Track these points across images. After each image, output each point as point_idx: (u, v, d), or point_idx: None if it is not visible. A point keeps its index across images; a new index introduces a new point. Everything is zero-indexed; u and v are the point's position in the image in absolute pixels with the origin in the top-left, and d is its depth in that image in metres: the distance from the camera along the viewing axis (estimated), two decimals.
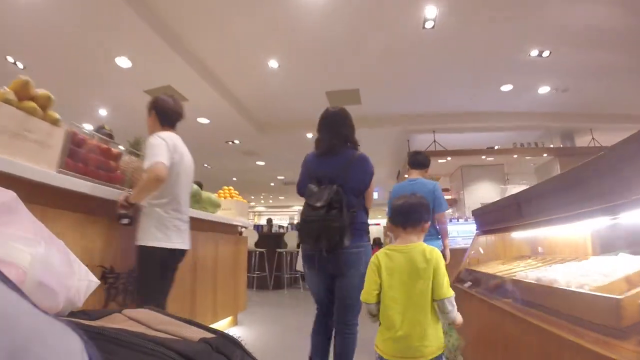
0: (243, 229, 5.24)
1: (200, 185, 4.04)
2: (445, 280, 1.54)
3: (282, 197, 21.59)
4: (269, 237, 8.05)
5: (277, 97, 7.31)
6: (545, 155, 8.78)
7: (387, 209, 3.31)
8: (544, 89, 6.83)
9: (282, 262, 7.54)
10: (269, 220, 10.14)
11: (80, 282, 0.81)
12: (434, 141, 8.46)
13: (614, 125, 7.82)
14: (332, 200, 2.01)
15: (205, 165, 11.91)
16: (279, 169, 13.24)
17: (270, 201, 23.92)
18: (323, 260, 2.09)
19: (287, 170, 13.02)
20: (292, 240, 7.55)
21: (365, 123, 7.56)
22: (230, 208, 4.36)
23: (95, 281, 0.87)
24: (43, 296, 0.67)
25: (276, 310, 5.57)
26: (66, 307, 0.74)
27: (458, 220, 6.82)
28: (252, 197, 21.24)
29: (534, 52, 5.56)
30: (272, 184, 16.15)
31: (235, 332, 4.02)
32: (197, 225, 2.76)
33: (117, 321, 0.74)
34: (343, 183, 2.09)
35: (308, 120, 6.89)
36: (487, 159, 9.41)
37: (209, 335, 0.73)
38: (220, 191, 4.76)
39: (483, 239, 3.26)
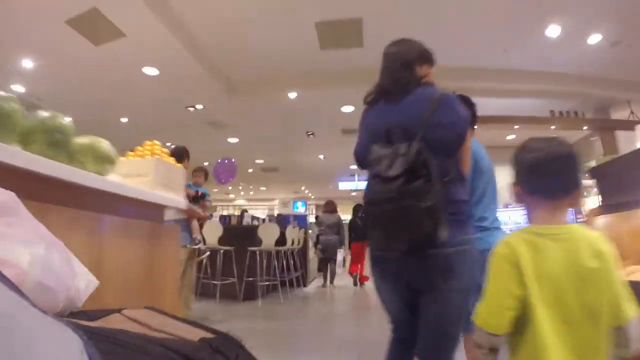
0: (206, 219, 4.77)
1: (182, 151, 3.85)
2: (626, 289, 0.90)
3: (264, 188, 18.70)
4: (238, 232, 6.17)
5: (250, 36, 5.19)
6: (585, 128, 7.43)
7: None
8: (595, 38, 5.22)
9: (254, 264, 5.51)
10: (243, 212, 8.37)
11: (80, 282, 0.82)
12: None
13: None
14: (415, 165, 1.22)
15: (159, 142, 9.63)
16: (257, 150, 11.12)
17: (251, 192, 20.50)
18: (403, 266, 1.36)
19: (266, 152, 11.31)
20: (269, 235, 5.76)
21: (369, 75, 5.38)
22: (146, 174, 2.19)
23: (94, 281, 0.87)
24: (43, 296, 0.67)
25: (247, 331, 3.96)
26: (66, 307, 0.75)
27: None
28: (230, 188, 18.04)
29: None
30: (250, 170, 13.59)
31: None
32: (55, 195, 1.26)
33: (117, 321, 0.75)
34: (424, 137, 1.28)
35: (291, 73, 6.13)
36: (514, 133, 8.04)
37: (209, 335, 0.73)
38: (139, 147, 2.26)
39: (608, 221, 1.98)
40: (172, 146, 3.85)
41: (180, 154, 3.68)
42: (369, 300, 6.17)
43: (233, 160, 9.42)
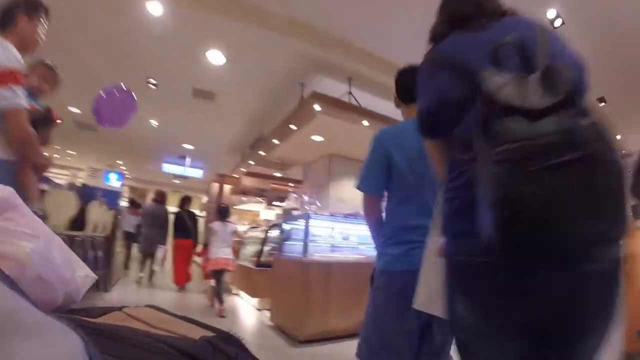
0: None
1: None
2: None
3: (73, 152, 13.30)
4: None
5: None
6: None
7: None
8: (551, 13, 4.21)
9: None
10: None
11: (79, 276, 0.83)
12: (349, 93, 5.54)
13: None
14: (575, 88, 0.70)
15: None
16: (73, 90, 6.41)
17: (56, 156, 13.95)
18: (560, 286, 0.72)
19: (86, 96, 5.08)
20: (60, 209, 4.41)
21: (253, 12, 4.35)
22: None
23: (92, 276, 0.88)
24: (42, 290, 0.68)
25: None
26: (65, 301, 0.75)
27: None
28: None
29: None
30: (59, 121, 6.91)
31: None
32: None
33: (118, 319, 0.75)
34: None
35: None
36: None
37: (209, 333, 0.74)
38: None
39: None
40: None
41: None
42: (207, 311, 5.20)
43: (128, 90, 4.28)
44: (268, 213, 11.60)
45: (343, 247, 4.92)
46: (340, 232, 5.09)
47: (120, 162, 15.14)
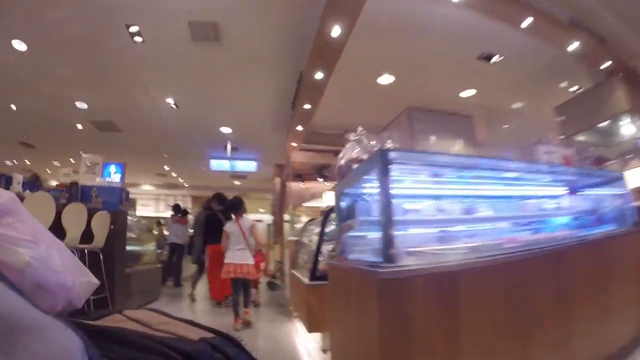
0: None
1: None
2: None
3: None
4: None
5: None
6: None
7: None
8: None
9: None
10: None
11: (80, 283, 0.82)
12: None
13: None
14: None
15: None
16: (62, 70, 6.14)
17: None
18: None
19: (93, 87, 6.85)
20: (74, 223, 3.99)
21: None
22: None
23: (95, 282, 0.88)
24: (43, 297, 0.69)
25: None
26: (65, 308, 0.76)
27: None
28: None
29: None
30: (80, 127, 8.85)
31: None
32: None
33: (117, 321, 0.76)
34: None
35: None
36: None
37: (209, 335, 0.74)
38: None
39: None
40: None
41: None
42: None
43: None
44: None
45: (481, 232, 2.32)
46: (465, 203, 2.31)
47: (167, 168, 13.82)
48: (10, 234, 0.67)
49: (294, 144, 8.36)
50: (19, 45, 5.37)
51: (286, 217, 10.01)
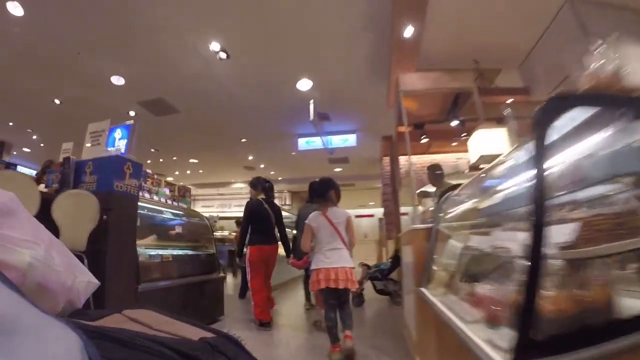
0: None
1: None
2: None
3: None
4: None
5: None
6: None
7: None
8: None
9: None
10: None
11: (80, 282, 0.81)
12: None
13: None
14: None
15: None
16: (77, 34, 5.23)
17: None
18: None
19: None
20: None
21: None
22: None
23: (95, 282, 0.87)
24: (43, 297, 0.68)
25: None
26: (66, 308, 0.75)
27: None
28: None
29: None
30: (132, 113, 7.87)
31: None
32: None
33: (117, 321, 0.76)
34: None
35: None
36: None
37: (209, 335, 0.73)
38: None
39: None
40: None
41: None
42: None
43: None
44: None
45: None
46: None
47: (252, 157, 11.63)
48: (11, 234, 0.65)
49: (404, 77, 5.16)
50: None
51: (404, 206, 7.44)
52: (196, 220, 5.50)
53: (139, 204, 3.76)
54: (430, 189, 5.12)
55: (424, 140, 5.86)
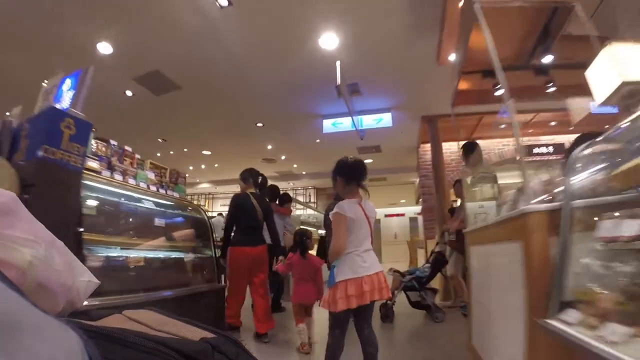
0: None
1: None
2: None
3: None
4: None
5: None
6: None
7: None
8: None
9: None
10: None
11: (80, 282, 0.80)
12: None
13: None
14: None
15: None
16: None
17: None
18: None
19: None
20: None
21: None
22: None
23: (95, 281, 0.85)
24: (43, 297, 0.67)
25: None
26: (66, 308, 0.74)
27: None
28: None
29: None
30: (129, 93, 7.02)
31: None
32: None
33: (118, 322, 0.74)
34: None
35: None
36: None
37: (210, 335, 0.72)
38: None
39: None
40: None
41: None
42: None
43: None
44: None
45: None
46: None
47: (271, 147, 10.41)
48: (12, 233, 0.64)
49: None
50: None
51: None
52: (191, 214, 4.33)
53: (100, 186, 3.01)
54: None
55: (498, 92, 4.30)
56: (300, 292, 3.66)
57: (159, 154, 10.50)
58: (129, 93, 6.72)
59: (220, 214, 11.91)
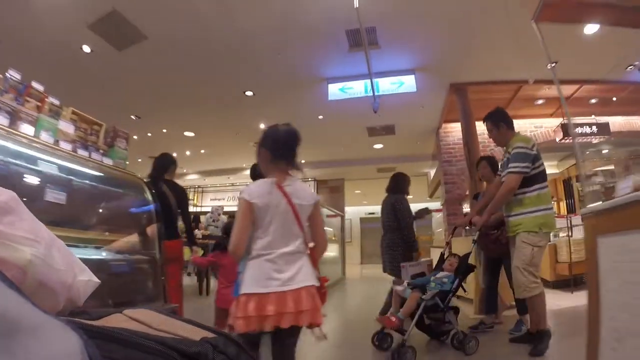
0: None
1: None
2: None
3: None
4: None
5: None
6: None
7: None
8: None
9: None
10: None
11: (80, 281, 0.80)
12: None
13: None
14: None
15: None
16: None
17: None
18: None
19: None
20: None
21: None
22: None
23: (95, 280, 0.85)
24: (43, 296, 0.67)
25: None
26: (67, 307, 0.74)
27: None
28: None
29: None
30: (87, 49, 5.26)
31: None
32: None
33: (118, 321, 0.75)
34: None
35: None
36: None
37: (210, 335, 0.73)
38: None
39: None
40: None
41: None
42: None
43: None
44: None
45: None
46: None
47: (263, 125, 8.90)
48: (12, 232, 0.65)
49: None
50: None
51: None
52: (122, 188, 2.91)
53: None
54: None
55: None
56: (227, 295, 2.82)
57: (135, 137, 9.06)
58: (86, 48, 5.26)
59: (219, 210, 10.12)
